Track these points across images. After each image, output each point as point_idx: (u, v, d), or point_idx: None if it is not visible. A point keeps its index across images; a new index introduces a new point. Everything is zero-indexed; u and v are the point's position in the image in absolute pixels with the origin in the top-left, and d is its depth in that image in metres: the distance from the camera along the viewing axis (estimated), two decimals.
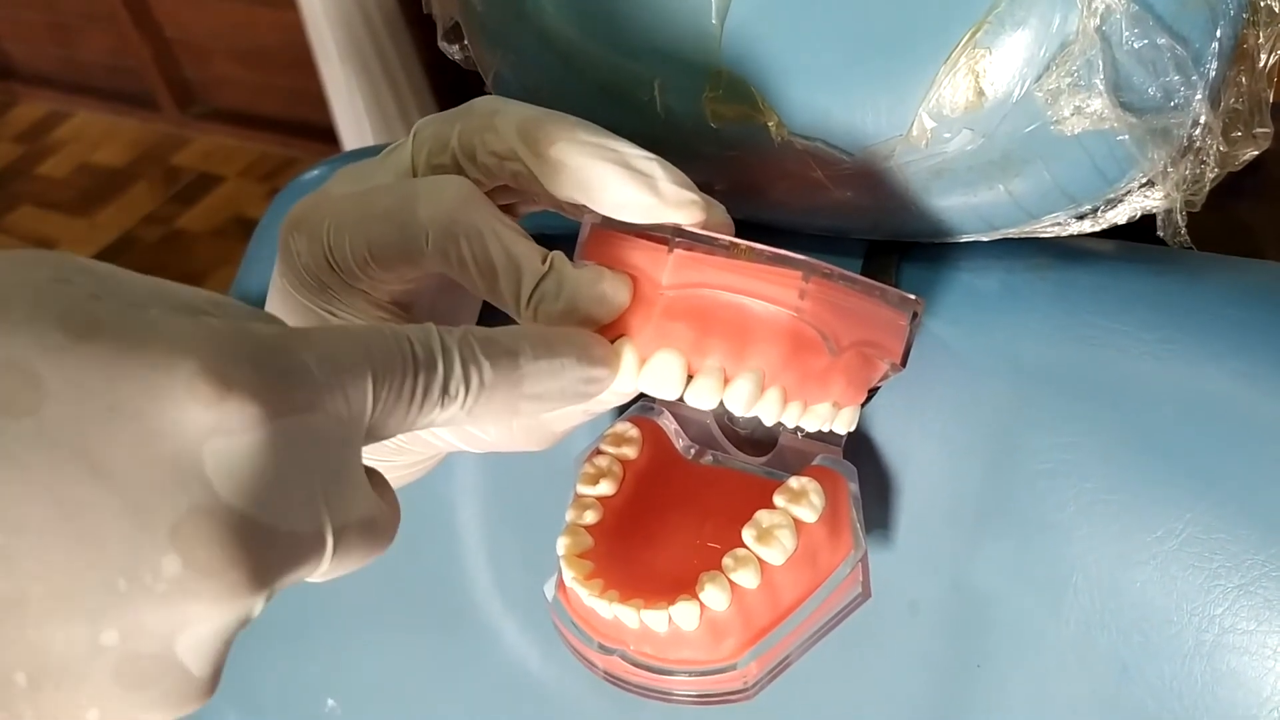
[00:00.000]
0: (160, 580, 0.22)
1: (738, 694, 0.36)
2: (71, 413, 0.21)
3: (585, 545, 0.37)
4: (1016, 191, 0.36)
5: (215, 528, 0.22)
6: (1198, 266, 0.38)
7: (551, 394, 0.30)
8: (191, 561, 0.22)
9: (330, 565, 0.26)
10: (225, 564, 0.22)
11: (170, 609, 0.22)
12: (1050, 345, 0.37)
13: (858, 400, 0.36)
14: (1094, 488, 0.36)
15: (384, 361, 0.27)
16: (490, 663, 0.50)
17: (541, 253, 0.33)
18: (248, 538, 0.23)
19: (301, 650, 0.55)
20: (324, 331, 0.26)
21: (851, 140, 0.36)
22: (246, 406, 0.23)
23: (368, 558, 0.27)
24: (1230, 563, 0.34)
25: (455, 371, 0.28)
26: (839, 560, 0.37)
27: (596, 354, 0.32)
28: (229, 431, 0.23)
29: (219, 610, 0.23)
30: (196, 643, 0.23)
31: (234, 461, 0.23)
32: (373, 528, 0.27)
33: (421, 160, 0.35)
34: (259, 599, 0.23)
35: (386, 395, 0.27)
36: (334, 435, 0.25)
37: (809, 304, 0.32)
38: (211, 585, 0.22)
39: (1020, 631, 0.38)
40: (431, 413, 0.28)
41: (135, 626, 0.22)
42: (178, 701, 0.23)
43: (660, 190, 0.33)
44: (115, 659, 0.22)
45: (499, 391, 0.29)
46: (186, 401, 0.22)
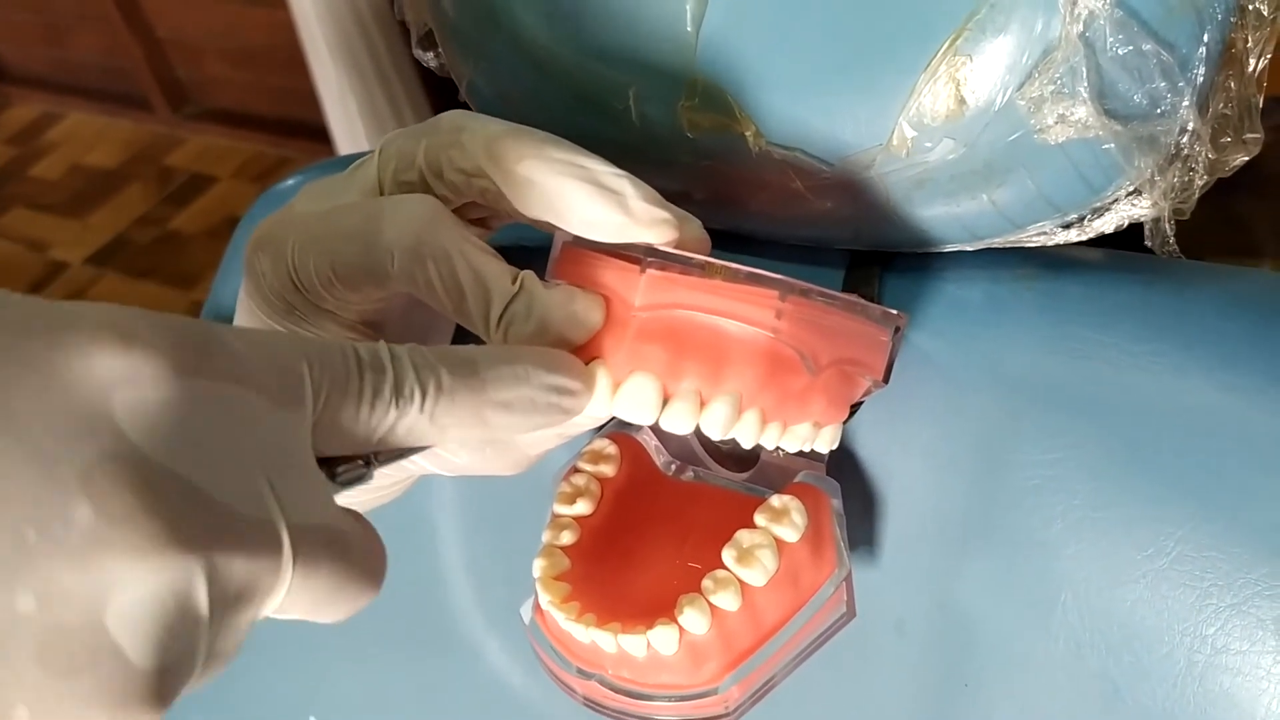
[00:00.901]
0: (72, 530, 0.20)
1: (719, 719, 0.35)
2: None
3: (562, 567, 0.36)
4: (1000, 201, 0.35)
5: (128, 474, 0.21)
6: (1186, 276, 0.37)
7: (520, 403, 0.29)
8: (103, 509, 0.21)
9: (296, 579, 0.24)
10: (140, 511, 0.21)
11: (88, 565, 0.20)
12: (1036, 358, 0.36)
13: (839, 419, 0.35)
14: (1082, 504, 0.35)
15: (321, 355, 0.26)
16: (472, 680, 0.49)
17: (511, 273, 0.32)
18: (166, 489, 0.22)
19: (282, 668, 0.55)
20: (260, 329, 0.26)
21: (831, 150, 0.35)
22: (154, 359, 0.22)
23: (342, 585, 0.26)
24: (1222, 581, 0.33)
25: (407, 374, 0.27)
26: (822, 580, 0.36)
27: (561, 362, 0.31)
28: (137, 383, 0.22)
29: (143, 569, 0.21)
30: (127, 612, 0.21)
31: (146, 412, 0.22)
32: (342, 545, 0.26)
33: (388, 177, 0.34)
34: (191, 566, 0.22)
35: (330, 388, 0.26)
36: (270, 419, 0.25)
37: (786, 324, 0.31)
38: (128, 534, 0.21)
39: (1008, 651, 0.37)
40: (388, 414, 0.27)
41: (52, 587, 0.20)
42: (117, 698, 0.21)
43: (631, 209, 0.32)
44: (36, 633, 0.20)
45: (460, 396, 0.28)
46: (91, 351, 0.22)
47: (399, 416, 0.28)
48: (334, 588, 0.26)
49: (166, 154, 2.52)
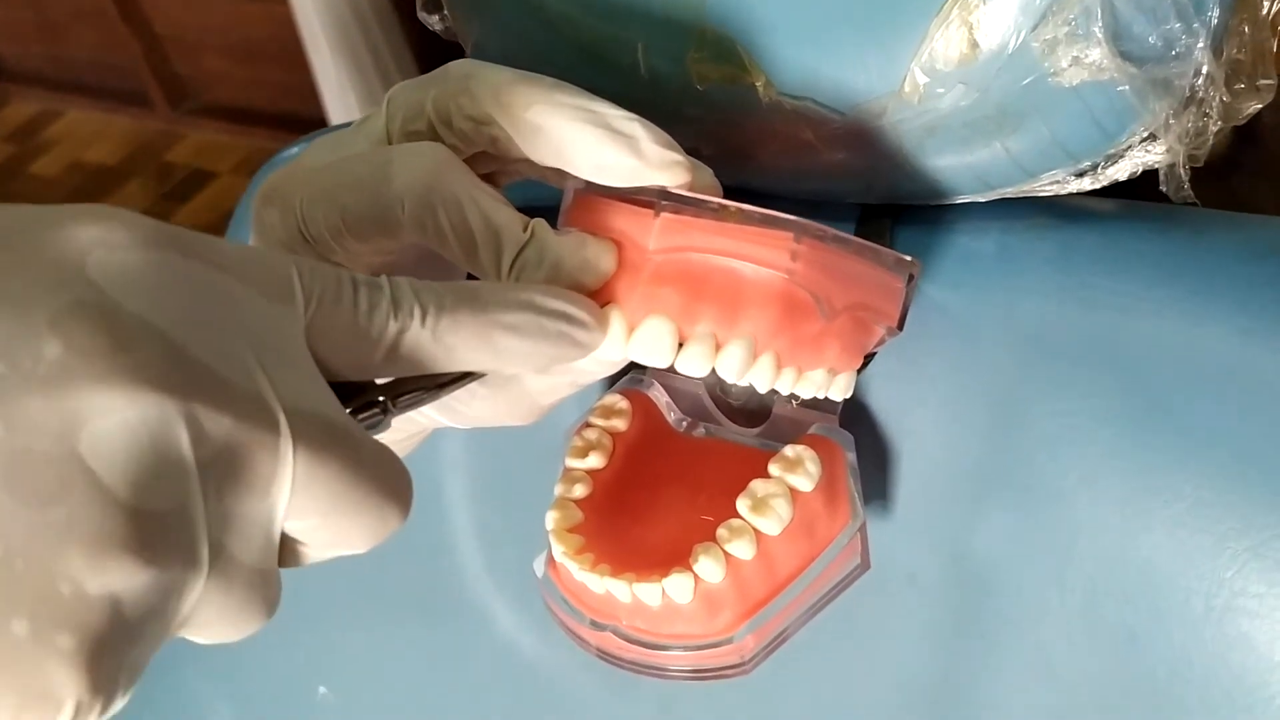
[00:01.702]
0: (41, 363, 0.20)
1: (734, 669, 0.35)
2: None
3: (575, 519, 0.36)
4: (1014, 148, 0.35)
5: (99, 315, 0.21)
6: (1201, 224, 0.37)
7: (528, 326, 0.29)
8: (73, 345, 0.21)
9: (300, 465, 0.24)
10: (110, 347, 0.21)
11: (58, 394, 0.20)
12: (1050, 308, 0.36)
13: (853, 366, 0.34)
14: (1097, 453, 0.35)
15: (312, 266, 0.27)
16: (483, 645, 0.49)
17: (522, 220, 0.32)
18: (138, 333, 0.22)
19: (292, 638, 0.54)
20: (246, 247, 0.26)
21: (842, 99, 0.35)
22: (130, 229, 0.23)
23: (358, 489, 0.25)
24: (1240, 525, 0.33)
25: (405, 291, 0.28)
26: (837, 530, 0.36)
27: (568, 294, 0.31)
28: (111, 246, 0.22)
29: (113, 400, 0.21)
30: (102, 440, 0.21)
31: (118, 269, 0.22)
32: (351, 442, 0.25)
33: (396, 128, 0.34)
34: (166, 405, 0.22)
35: (321, 294, 0.26)
36: (257, 307, 0.25)
37: (801, 266, 0.31)
38: (96, 366, 0.21)
39: (1023, 602, 0.37)
40: (387, 325, 0.27)
41: (19, 415, 0.20)
42: (95, 530, 0.21)
43: (643, 151, 0.32)
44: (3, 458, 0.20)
45: (463, 316, 0.28)
46: (69, 224, 0.22)
47: (400, 330, 0.27)
48: (349, 490, 0.25)
49: (166, 150, 2.52)
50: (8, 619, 0.20)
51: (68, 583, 0.21)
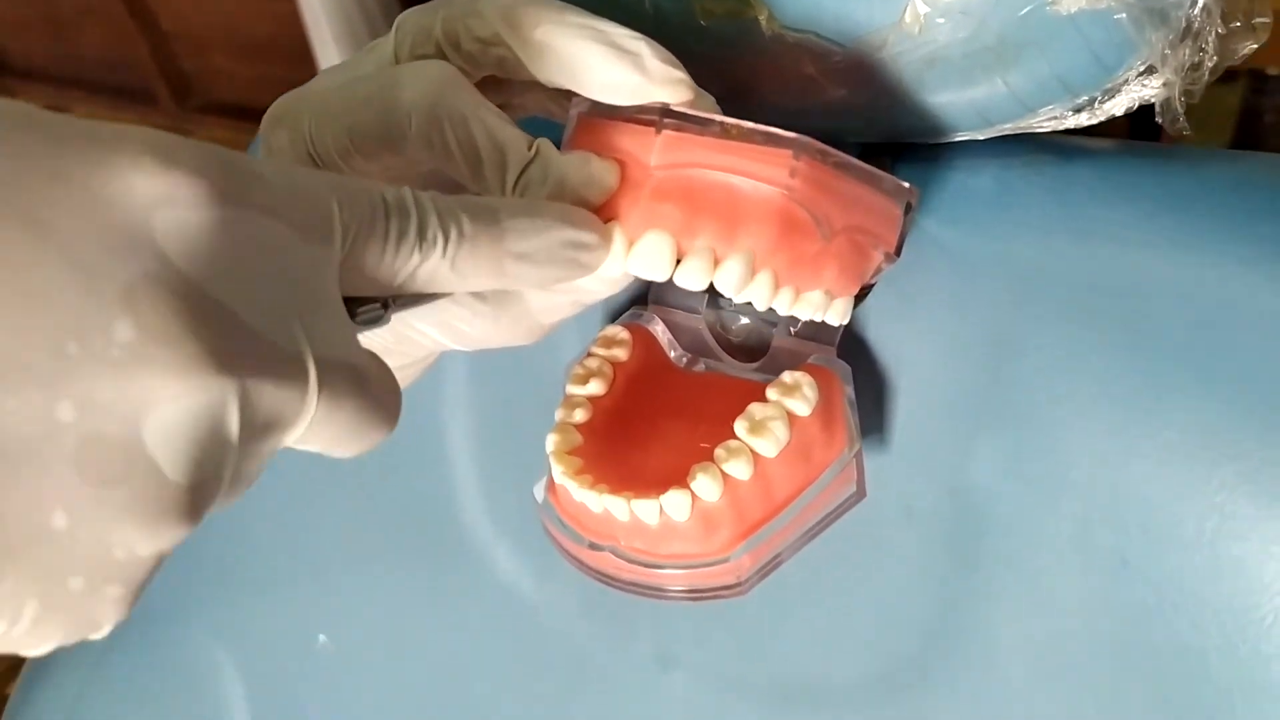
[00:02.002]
0: (113, 345, 0.21)
1: (730, 589, 0.36)
2: (15, 178, 0.20)
3: (575, 443, 0.37)
4: (1013, 82, 0.36)
5: (169, 294, 0.21)
6: (1196, 160, 0.38)
7: (539, 254, 0.30)
8: (145, 326, 0.21)
9: (320, 410, 0.25)
10: (181, 332, 0.21)
11: (127, 379, 0.21)
12: (1045, 239, 0.37)
13: (851, 291, 0.35)
14: (1091, 381, 0.35)
15: (350, 195, 0.26)
16: (482, 589, 0.50)
17: (527, 138, 0.33)
18: (206, 312, 0.22)
19: (291, 586, 0.55)
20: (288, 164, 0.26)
21: (843, 31, 0.36)
22: (194, 181, 0.22)
23: (362, 419, 0.26)
24: (1230, 450, 0.34)
25: (430, 219, 0.28)
26: (833, 456, 0.36)
27: (580, 218, 0.31)
28: (177, 204, 0.22)
29: (182, 388, 0.21)
30: (164, 429, 0.21)
31: (185, 234, 0.22)
32: (364, 381, 0.26)
33: (405, 52, 0.35)
34: (227, 388, 0.22)
35: (358, 230, 0.26)
36: (300, 253, 0.25)
37: (800, 183, 0.32)
38: (168, 354, 0.21)
39: (1018, 531, 0.37)
40: (411, 258, 0.28)
41: (92, 399, 0.21)
42: (153, 510, 0.22)
43: (647, 68, 0.32)
44: (75, 441, 0.21)
45: (482, 244, 0.29)
46: (131, 172, 0.22)
47: (422, 260, 0.28)
48: (354, 422, 0.26)
49: None
50: (65, 577, 0.22)
51: (122, 548, 0.22)
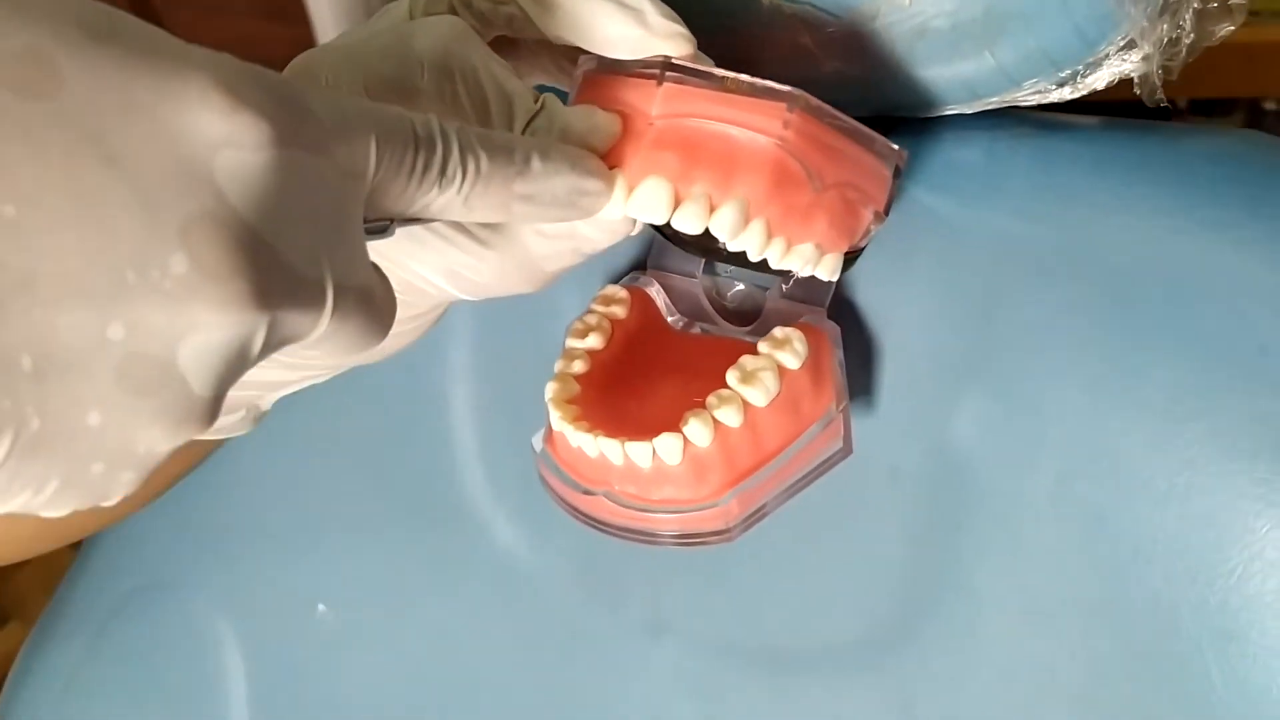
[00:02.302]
0: (167, 277, 0.22)
1: (719, 534, 0.37)
2: (88, 102, 0.22)
3: (573, 391, 0.38)
4: (1000, 55, 0.37)
5: (223, 234, 0.23)
6: (1174, 133, 0.39)
7: (544, 197, 0.31)
8: (198, 262, 0.22)
9: (327, 327, 0.26)
10: (231, 271, 0.23)
11: (175, 309, 0.22)
12: (1029, 205, 0.38)
13: (841, 247, 0.36)
14: (1068, 340, 0.37)
15: (387, 129, 0.28)
16: (480, 558, 0.51)
17: (534, 92, 0.34)
18: (254, 252, 0.23)
19: (291, 556, 0.56)
20: (333, 91, 0.27)
21: (838, 1, 0.37)
22: (259, 123, 0.23)
23: (361, 335, 0.28)
24: (1199, 406, 0.35)
25: (454, 154, 0.29)
26: (821, 410, 0.38)
27: (589, 165, 0.33)
28: (240, 146, 0.23)
29: (222, 319, 0.23)
30: (198, 354, 0.23)
31: (244, 175, 0.23)
32: (370, 301, 0.28)
33: (419, 10, 0.36)
34: (260, 322, 0.24)
35: (388, 162, 0.27)
36: (337, 186, 0.26)
37: (793, 134, 0.33)
38: (216, 290, 0.23)
39: (998, 488, 0.39)
40: (430, 192, 0.29)
41: (141, 323, 0.22)
42: (177, 418, 0.23)
43: (649, 22, 0.34)
44: (119, 356, 0.22)
45: (494, 184, 0.30)
46: (199, 109, 0.23)
47: (438, 195, 0.29)
48: (356, 335, 0.28)
49: None
50: (89, 463, 0.23)
51: (145, 445, 0.24)
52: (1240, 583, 0.35)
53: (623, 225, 0.36)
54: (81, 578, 0.62)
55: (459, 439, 0.50)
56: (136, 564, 0.60)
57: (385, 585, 0.54)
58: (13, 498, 0.23)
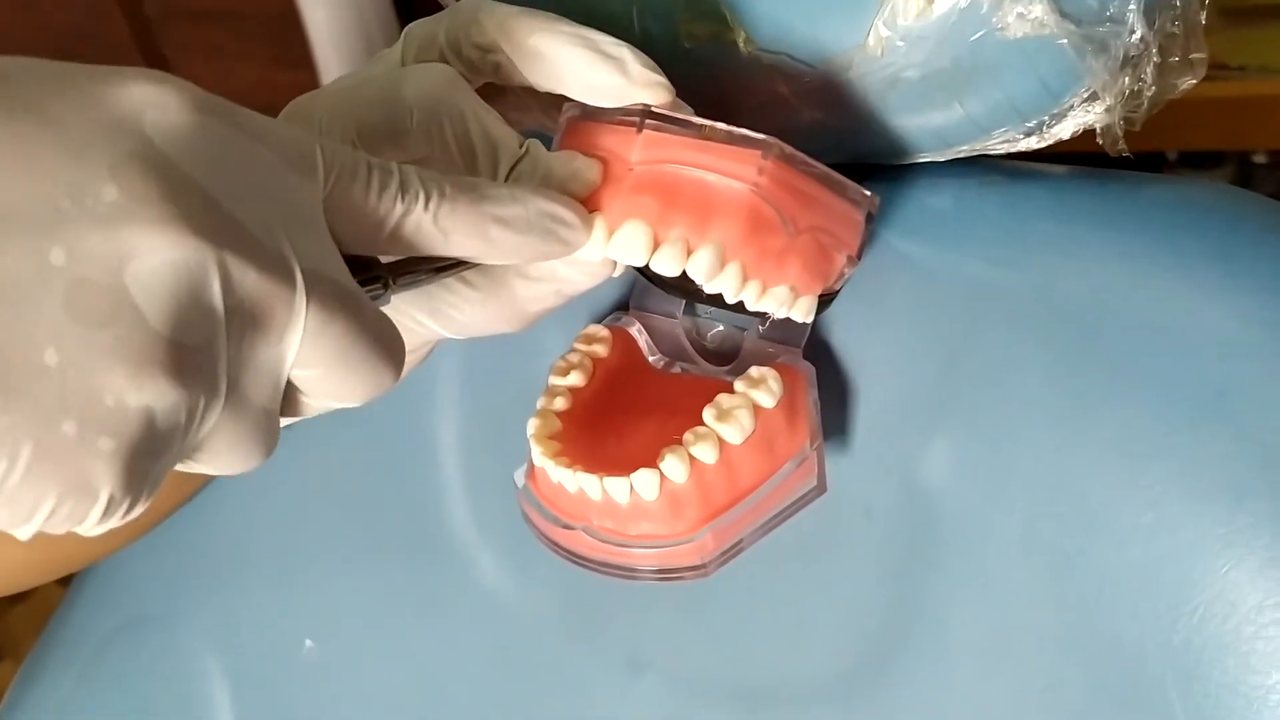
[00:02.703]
0: (100, 204, 0.24)
1: (695, 569, 0.38)
2: (27, 85, 0.24)
3: (554, 428, 0.39)
4: (968, 106, 0.39)
5: (150, 168, 0.25)
6: (1137, 181, 0.40)
7: (518, 220, 0.32)
8: (128, 190, 0.24)
9: (311, 318, 0.27)
10: (161, 195, 0.24)
11: (112, 231, 0.24)
12: (997, 251, 0.39)
13: (815, 289, 0.38)
14: (1035, 381, 0.38)
15: (333, 145, 0.30)
16: (465, 594, 0.52)
17: (519, 137, 0.36)
18: (184, 186, 0.25)
19: (279, 592, 0.57)
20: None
21: (813, 52, 0.39)
22: (182, 93, 0.26)
23: (359, 347, 0.29)
24: (1161, 446, 0.36)
25: (412, 177, 0.31)
26: (795, 448, 0.39)
27: (560, 198, 0.34)
28: (166, 109, 0.26)
29: (160, 242, 0.24)
30: (144, 277, 0.24)
31: (173, 129, 0.26)
32: (357, 302, 0.29)
33: (411, 57, 0.38)
34: (204, 251, 0.25)
35: (339, 171, 0.29)
36: (285, 176, 0.28)
37: (766, 181, 0.35)
38: (148, 211, 0.24)
39: (968, 527, 0.39)
40: (395, 205, 0.30)
41: (79, 246, 0.23)
42: (137, 354, 0.24)
43: (629, 72, 0.35)
44: (65, 283, 0.23)
45: (462, 204, 0.31)
46: (130, 84, 0.26)
47: (405, 212, 0.31)
48: (351, 344, 0.29)
49: None
50: (59, 420, 0.24)
51: (111, 395, 0.24)
52: (1201, 623, 0.35)
53: (603, 267, 0.37)
54: (71, 612, 0.63)
55: (445, 475, 0.51)
56: (125, 598, 0.61)
57: (371, 620, 0.55)
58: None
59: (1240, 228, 0.38)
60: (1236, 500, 0.35)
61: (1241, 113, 1.13)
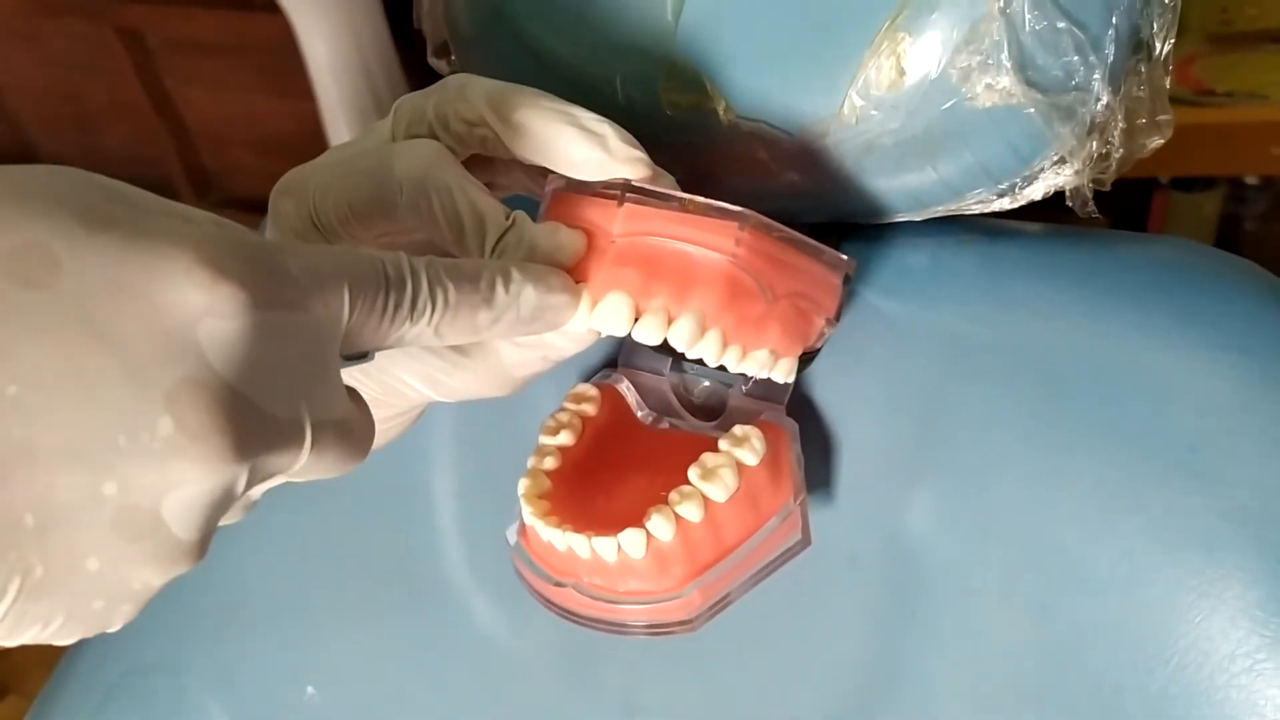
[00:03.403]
0: (155, 439, 0.25)
1: (683, 624, 0.39)
2: (82, 288, 0.24)
3: (544, 487, 0.40)
4: (941, 170, 0.40)
5: (205, 396, 0.25)
6: (1107, 240, 0.42)
7: (511, 316, 0.34)
8: (182, 424, 0.25)
9: (307, 461, 0.29)
10: (211, 429, 0.25)
11: (162, 467, 0.25)
12: (973, 309, 0.41)
13: (794, 351, 0.39)
14: (1012, 436, 0.39)
15: (360, 276, 0.30)
16: (462, 639, 0.53)
17: (505, 209, 0.37)
18: (233, 409, 0.26)
19: (280, 640, 0.58)
20: (309, 246, 0.30)
21: (790, 120, 0.40)
22: (237, 293, 0.26)
23: (341, 462, 0.30)
24: (1134, 500, 0.37)
25: (423, 290, 0.31)
26: (779, 504, 0.40)
27: (553, 282, 0.35)
28: (221, 315, 0.26)
29: (204, 473, 0.25)
30: (182, 504, 0.26)
31: (225, 340, 0.26)
32: (347, 431, 0.30)
33: (400, 131, 0.39)
34: (240, 470, 0.26)
35: (362, 306, 0.30)
36: (314, 335, 0.29)
37: (744, 251, 0.36)
38: (198, 447, 0.25)
39: (950, 578, 0.40)
40: (402, 327, 0.31)
41: (132, 480, 0.25)
42: (168, 558, 0.26)
43: (610, 148, 0.36)
44: (113, 510, 0.25)
45: (463, 311, 0.32)
46: (184, 284, 0.25)
47: (410, 328, 0.32)
48: (334, 463, 0.30)
49: None
50: (91, 600, 0.26)
51: (139, 583, 0.27)
52: (1177, 672, 0.36)
53: (589, 334, 0.38)
54: (78, 660, 0.64)
55: (440, 525, 0.52)
56: (131, 646, 0.62)
57: (370, 666, 0.56)
58: (23, 632, 0.25)
59: (1208, 286, 0.39)
60: (1207, 552, 0.36)
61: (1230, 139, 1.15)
